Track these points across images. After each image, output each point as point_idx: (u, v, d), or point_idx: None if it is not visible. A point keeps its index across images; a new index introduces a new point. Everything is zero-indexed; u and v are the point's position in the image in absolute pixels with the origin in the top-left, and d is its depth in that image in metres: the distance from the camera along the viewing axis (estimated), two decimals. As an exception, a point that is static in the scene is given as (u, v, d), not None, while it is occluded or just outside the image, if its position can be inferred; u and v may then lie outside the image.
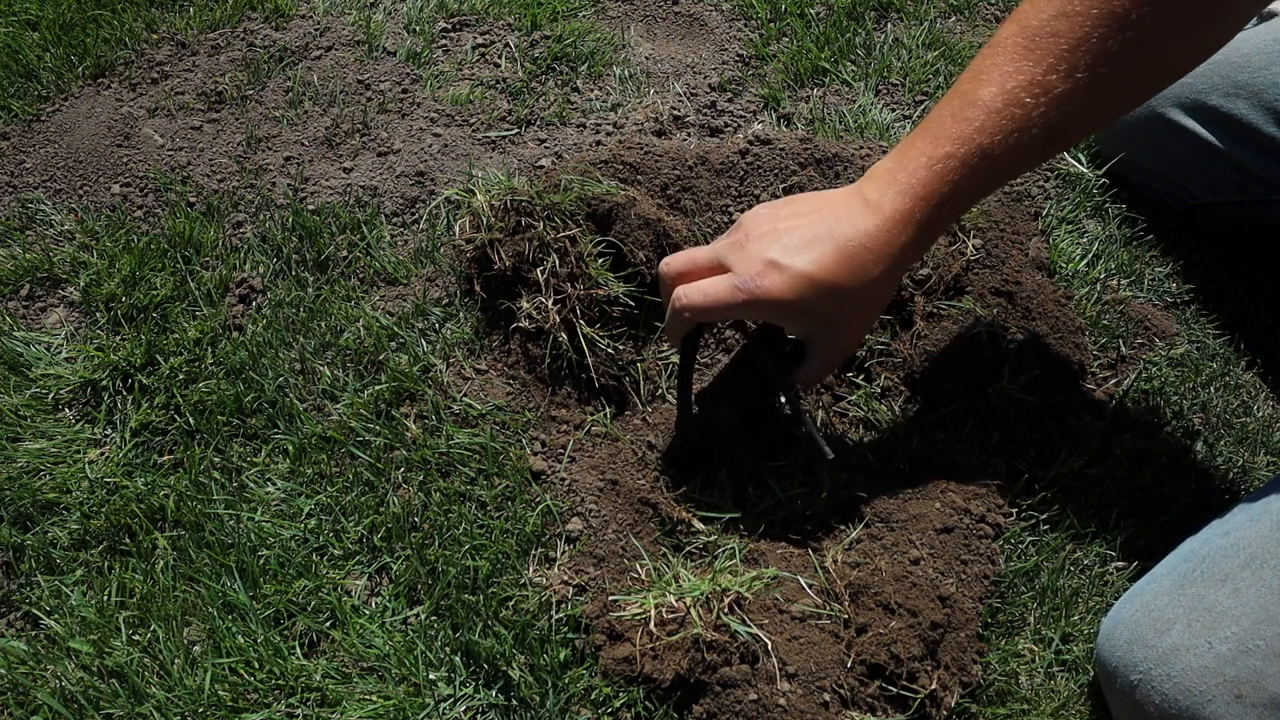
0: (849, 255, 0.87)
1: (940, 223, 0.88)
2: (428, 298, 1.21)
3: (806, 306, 0.88)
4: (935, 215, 0.87)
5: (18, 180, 1.38)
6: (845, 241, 0.87)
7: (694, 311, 0.92)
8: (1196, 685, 0.83)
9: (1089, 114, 0.85)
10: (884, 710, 0.89)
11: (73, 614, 0.99)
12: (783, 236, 0.89)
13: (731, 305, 0.90)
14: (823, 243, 0.87)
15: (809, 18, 1.62)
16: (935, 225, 0.88)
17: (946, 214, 0.87)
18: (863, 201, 0.88)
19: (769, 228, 0.90)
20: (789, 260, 0.87)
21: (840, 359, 0.98)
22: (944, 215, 0.87)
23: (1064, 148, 0.93)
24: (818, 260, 0.87)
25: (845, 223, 0.88)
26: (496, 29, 1.60)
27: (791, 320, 0.92)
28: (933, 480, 1.05)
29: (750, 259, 0.89)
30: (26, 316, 1.25)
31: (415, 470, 1.06)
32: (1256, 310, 1.26)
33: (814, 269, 0.87)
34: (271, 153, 1.41)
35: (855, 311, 0.91)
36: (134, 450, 1.11)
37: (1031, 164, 0.89)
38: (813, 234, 0.88)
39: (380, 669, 0.94)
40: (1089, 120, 0.87)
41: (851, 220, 0.88)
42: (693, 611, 0.89)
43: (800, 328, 0.94)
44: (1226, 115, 1.21)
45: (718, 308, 0.91)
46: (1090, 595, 1.01)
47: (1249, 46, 1.21)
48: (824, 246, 0.87)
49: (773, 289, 0.87)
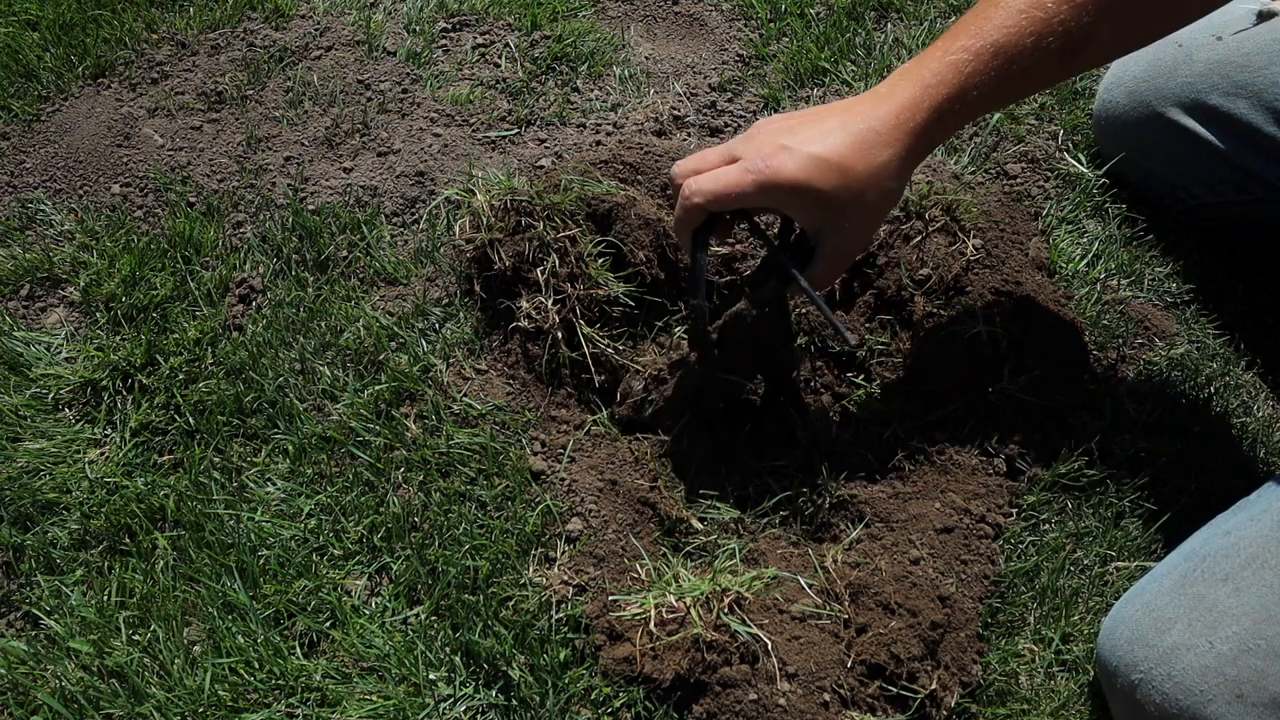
0: (859, 139, 0.88)
1: (951, 117, 0.88)
2: (428, 298, 1.21)
3: (816, 191, 0.88)
4: (946, 107, 0.88)
5: (18, 180, 1.38)
6: (855, 127, 0.88)
7: (704, 197, 0.91)
8: (1197, 685, 0.83)
9: (1108, 30, 0.85)
10: (884, 710, 0.89)
11: (73, 614, 0.99)
12: (795, 128, 0.91)
13: (741, 188, 0.90)
14: (834, 132, 0.89)
15: (809, 18, 1.62)
16: (946, 119, 0.88)
17: (958, 109, 0.88)
18: (874, 95, 0.90)
19: (782, 124, 0.92)
20: (799, 144, 0.88)
21: (849, 258, 0.97)
22: (955, 110, 0.88)
23: (1078, 68, 0.93)
24: (828, 143, 0.88)
25: (856, 113, 0.90)
26: (496, 29, 1.60)
27: (801, 206, 0.91)
28: (933, 480, 1.05)
29: (761, 146, 0.90)
30: (26, 316, 1.25)
31: (415, 470, 1.06)
32: (1256, 310, 1.26)
33: (824, 150, 0.88)
34: (271, 153, 1.41)
35: (864, 201, 0.90)
36: (134, 450, 1.11)
37: (1046, 79, 0.90)
38: (825, 125, 0.90)
39: (380, 669, 0.94)
40: (1108, 40, 0.87)
41: (862, 110, 0.90)
42: (693, 611, 0.89)
43: (810, 217, 0.93)
44: (1227, 115, 1.21)
45: (728, 193, 0.90)
46: (1090, 595, 1.01)
47: (1249, 46, 1.21)
48: (835, 134, 0.89)
49: (782, 169, 0.88)
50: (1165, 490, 1.08)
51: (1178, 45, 1.28)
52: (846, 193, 0.89)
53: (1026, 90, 0.91)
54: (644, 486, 1.06)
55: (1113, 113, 1.33)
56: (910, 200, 1.16)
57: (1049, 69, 0.87)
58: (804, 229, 0.97)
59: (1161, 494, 1.08)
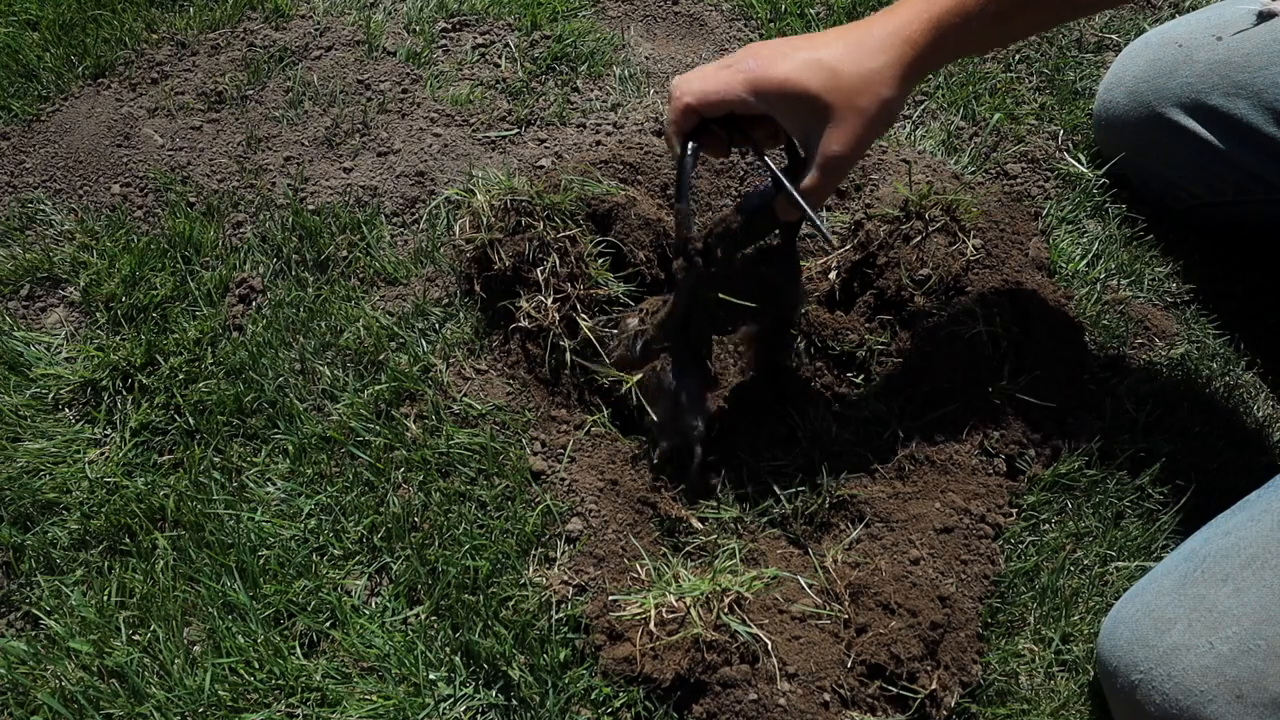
0: (852, 44, 0.89)
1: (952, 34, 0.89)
2: (428, 298, 1.21)
3: (804, 90, 0.88)
4: (947, 22, 0.89)
5: (18, 180, 1.38)
6: (850, 35, 0.90)
7: (694, 96, 0.91)
8: (1197, 685, 0.83)
9: None
10: (884, 710, 0.89)
11: (73, 614, 0.99)
12: (793, 40, 0.92)
13: (730, 87, 0.89)
14: (829, 41, 0.90)
15: (809, 18, 1.62)
16: (947, 35, 0.89)
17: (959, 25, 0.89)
18: (877, 14, 0.92)
19: (781, 40, 0.93)
20: (793, 50, 0.89)
21: (840, 167, 0.93)
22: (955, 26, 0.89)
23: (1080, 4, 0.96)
24: (820, 49, 0.89)
25: (853, 26, 0.92)
26: (496, 29, 1.60)
27: (790, 109, 0.90)
28: (933, 480, 1.05)
29: (756, 51, 0.91)
30: (26, 316, 1.25)
31: (415, 470, 1.06)
32: (1256, 310, 1.26)
33: (815, 54, 0.88)
34: (271, 153, 1.41)
35: (855, 105, 0.89)
36: (134, 450, 1.11)
37: (1050, 10, 0.92)
38: (822, 38, 0.92)
39: (380, 669, 0.94)
40: None
41: (860, 23, 0.91)
42: (693, 611, 0.89)
43: (799, 120, 0.91)
44: (1227, 115, 1.21)
45: (716, 91, 0.90)
46: (1090, 595, 1.01)
47: (1249, 46, 1.21)
48: (830, 42, 0.90)
49: (773, 68, 0.88)
50: (1165, 490, 1.08)
51: (1178, 45, 1.27)
52: (836, 94, 0.88)
53: (1031, 22, 0.91)
54: (644, 486, 1.06)
55: (1113, 113, 1.33)
56: (910, 200, 1.16)
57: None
58: (796, 138, 0.95)
59: (1161, 494, 1.08)
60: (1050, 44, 1.56)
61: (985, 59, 1.55)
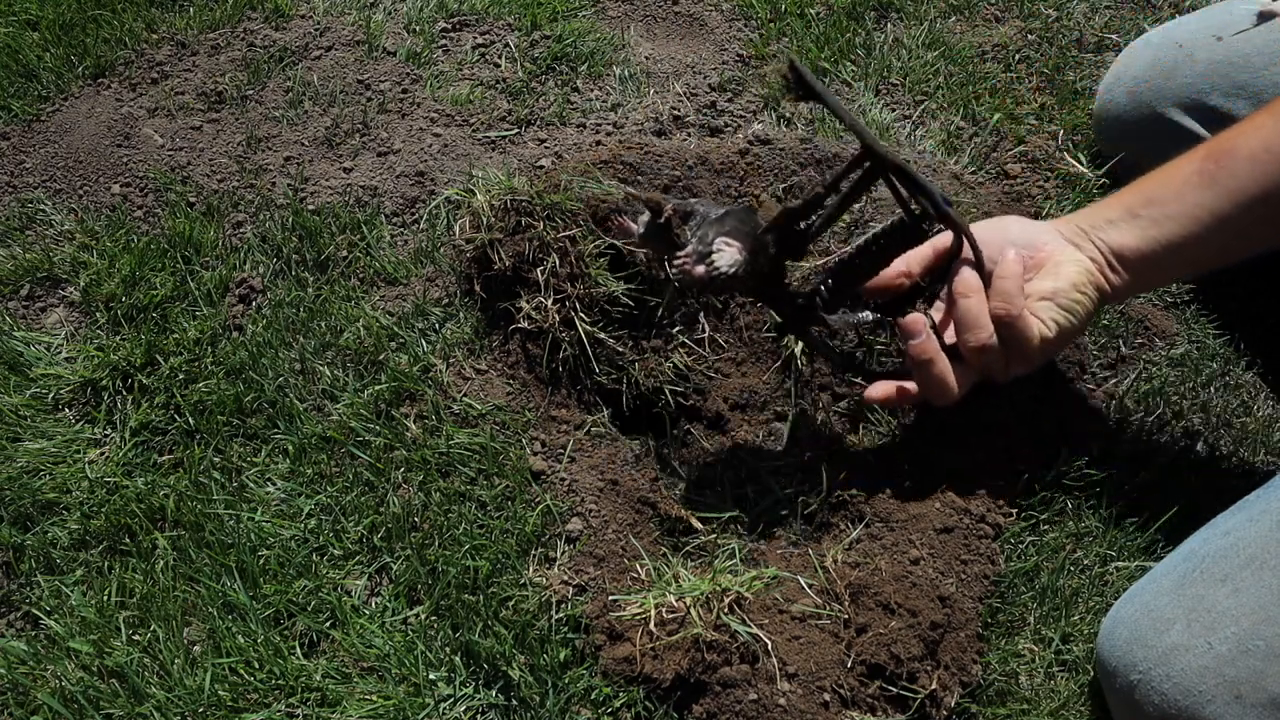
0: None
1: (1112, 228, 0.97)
2: (428, 298, 1.21)
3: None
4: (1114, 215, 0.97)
5: (18, 180, 1.38)
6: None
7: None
8: (1196, 685, 0.83)
9: None
10: (884, 710, 0.89)
11: (73, 614, 0.99)
12: None
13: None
14: None
15: (809, 18, 1.62)
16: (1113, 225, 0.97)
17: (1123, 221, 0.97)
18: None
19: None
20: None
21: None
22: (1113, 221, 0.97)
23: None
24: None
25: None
26: (496, 29, 1.60)
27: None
28: (933, 480, 1.05)
29: None
30: (26, 316, 1.25)
31: (415, 470, 1.06)
32: (1256, 310, 1.26)
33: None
34: (271, 153, 1.41)
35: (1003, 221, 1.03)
36: (134, 450, 1.11)
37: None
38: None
39: (380, 669, 0.94)
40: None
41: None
42: (693, 611, 0.89)
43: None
44: (1227, 115, 1.21)
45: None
46: (1090, 595, 1.01)
47: (1249, 47, 1.21)
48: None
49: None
50: (1165, 490, 1.08)
51: (1178, 45, 1.27)
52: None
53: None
54: (644, 486, 1.06)
55: (1113, 113, 1.32)
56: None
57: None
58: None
59: (1161, 494, 1.08)
60: (1050, 44, 1.56)
61: (985, 59, 1.55)
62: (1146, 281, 1.00)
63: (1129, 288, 0.98)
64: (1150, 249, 0.96)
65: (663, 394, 1.17)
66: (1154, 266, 0.97)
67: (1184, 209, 0.95)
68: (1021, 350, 0.95)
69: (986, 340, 0.94)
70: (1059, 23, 1.60)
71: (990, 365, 0.97)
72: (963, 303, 0.96)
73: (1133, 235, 0.96)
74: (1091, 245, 0.98)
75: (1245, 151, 0.93)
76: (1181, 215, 0.95)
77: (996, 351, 0.95)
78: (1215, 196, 0.94)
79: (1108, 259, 0.97)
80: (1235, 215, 0.93)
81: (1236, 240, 0.95)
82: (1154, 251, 0.96)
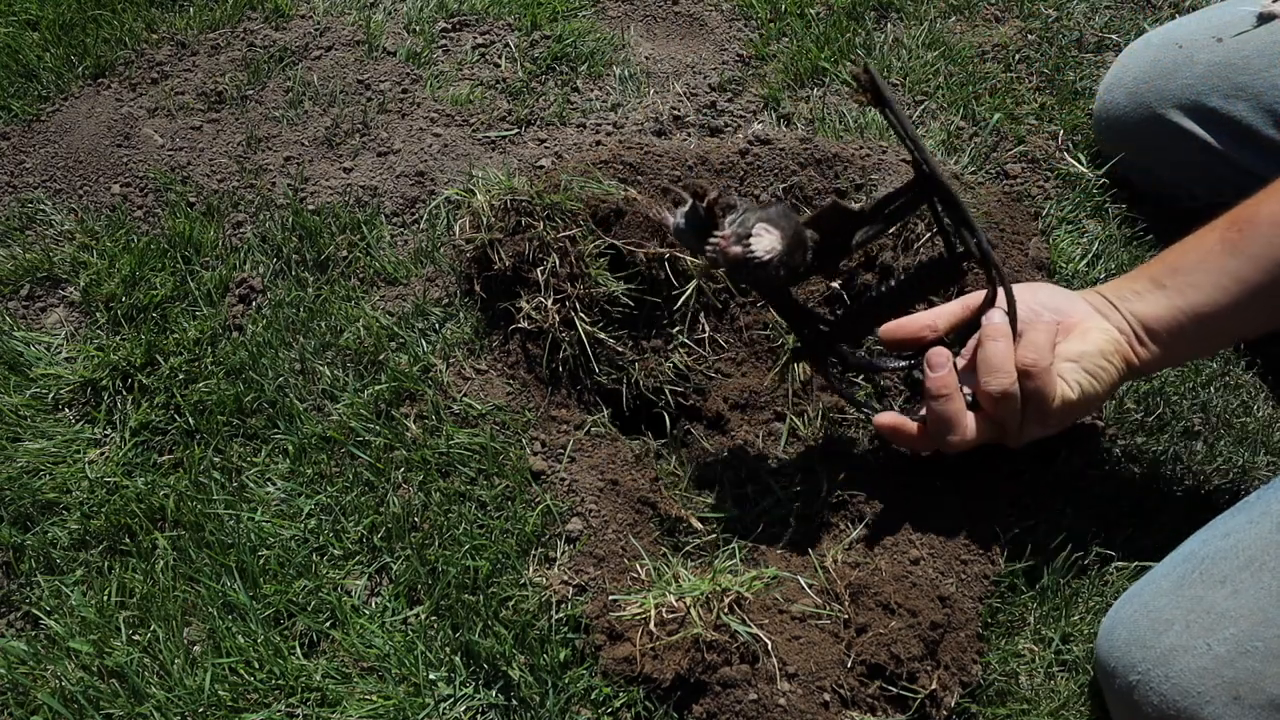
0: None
1: (1136, 298, 0.98)
2: (428, 298, 1.21)
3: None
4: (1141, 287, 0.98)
5: (18, 180, 1.38)
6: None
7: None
8: (1195, 686, 0.83)
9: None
10: (884, 710, 0.89)
11: (73, 614, 0.99)
12: None
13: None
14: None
15: (809, 18, 1.62)
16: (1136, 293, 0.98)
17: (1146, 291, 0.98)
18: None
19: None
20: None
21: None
22: (1139, 291, 0.98)
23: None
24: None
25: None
26: (496, 29, 1.60)
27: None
28: (932, 480, 1.05)
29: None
30: (26, 316, 1.25)
31: (415, 470, 1.06)
32: (1256, 310, 1.26)
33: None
34: (271, 153, 1.41)
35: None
36: (134, 450, 1.11)
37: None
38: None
39: (380, 669, 0.94)
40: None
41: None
42: (693, 611, 0.89)
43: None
44: (1226, 117, 1.21)
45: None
46: (1090, 595, 1.01)
47: (1249, 49, 1.21)
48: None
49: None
50: (1165, 490, 1.08)
51: (1178, 46, 1.27)
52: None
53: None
54: (644, 486, 1.06)
55: (1113, 113, 1.33)
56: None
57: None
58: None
59: (1161, 494, 1.08)
60: (1050, 44, 1.56)
61: (985, 59, 1.55)
62: (1175, 355, 0.99)
63: (1158, 361, 0.98)
64: (1177, 319, 0.95)
65: (663, 394, 1.17)
66: (1181, 338, 0.96)
67: (1209, 278, 0.94)
68: (1041, 407, 0.93)
69: (1009, 386, 0.92)
70: (1059, 23, 1.60)
71: (1007, 418, 0.95)
72: (990, 345, 0.94)
73: (1159, 306, 0.96)
74: (1120, 316, 0.98)
75: (1267, 217, 0.93)
76: (1207, 284, 0.94)
77: (1016, 402, 0.93)
78: (1240, 264, 0.93)
79: (1135, 331, 0.97)
80: (1260, 280, 0.93)
81: (1264, 306, 0.95)
82: (1180, 322, 0.95)
